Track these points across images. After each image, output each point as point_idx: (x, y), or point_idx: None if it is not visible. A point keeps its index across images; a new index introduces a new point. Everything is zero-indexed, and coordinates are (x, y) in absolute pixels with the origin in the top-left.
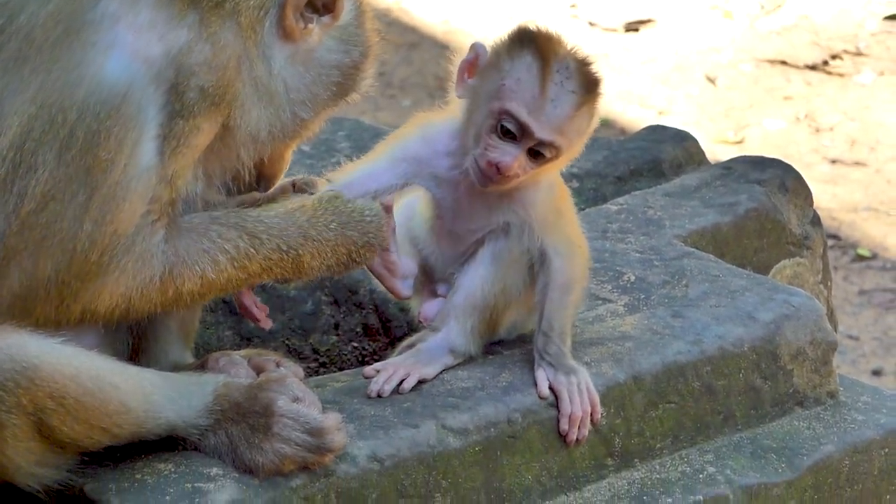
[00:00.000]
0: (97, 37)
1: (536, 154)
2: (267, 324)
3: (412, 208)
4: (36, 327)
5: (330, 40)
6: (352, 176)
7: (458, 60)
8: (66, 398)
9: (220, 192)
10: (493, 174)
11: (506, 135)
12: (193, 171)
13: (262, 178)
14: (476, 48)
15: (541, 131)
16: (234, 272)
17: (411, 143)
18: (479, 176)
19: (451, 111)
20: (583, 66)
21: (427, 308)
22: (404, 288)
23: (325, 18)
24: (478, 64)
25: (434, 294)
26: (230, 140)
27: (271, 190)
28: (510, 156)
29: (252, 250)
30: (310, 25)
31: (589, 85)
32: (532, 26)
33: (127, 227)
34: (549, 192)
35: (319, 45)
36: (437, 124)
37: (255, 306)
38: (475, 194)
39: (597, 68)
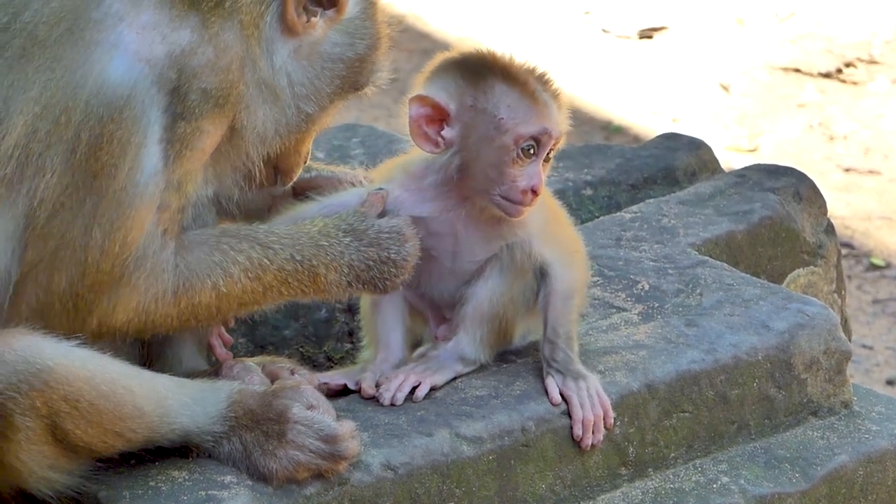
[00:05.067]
0: (101, 36)
1: (546, 158)
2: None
3: None
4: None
5: (335, 34)
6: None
7: (404, 118)
8: (81, 401)
9: (234, 193)
10: (529, 199)
11: (526, 157)
12: (204, 175)
13: (278, 172)
14: (431, 100)
15: (555, 131)
16: (248, 283)
17: (398, 192)
18: (511, 208)
19: (416, 154)
20: (530, 67)
21: (442, 330)
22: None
23: (330, 12)
24: (443, 115)
25: (443, 318)
26: (238, 141)
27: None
28: (537, 175)
29: (266, 261)
30: (313, 19)
31: (546, 77)
32: (466, 56)
33: (137, 236)
34: (541, 203)
35: (324, 39)
36: (413, 170)
37: (220, 347)
38: (472, 228)
39: (528, 60)
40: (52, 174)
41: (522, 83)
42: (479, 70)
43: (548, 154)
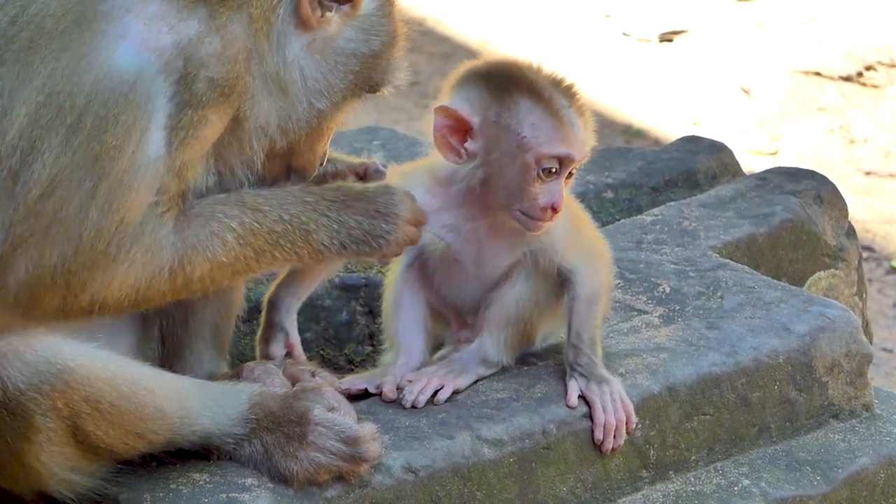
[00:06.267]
0: (108, 27)
1: (568, 174)
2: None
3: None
4: (43, 319)
5: (349, 29)
6: None
7: (429, 128)
8: (102, 402)
9: (244, 185)
10: (549, 216)
11: (548, 176)
12: (205, 165)
13: (292, 170)
14: (454, 112)
15: (579, 153)
16: (241, 250)
17: (423, 194)
18: (530, 223)
19: (437, 158)
20: (557, 79)
21: (465, 333)
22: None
23: (345, 7)
24: (466, 127)
25: (465, 323)
26: (241, 132)
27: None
28: (558, 193)
29: (255, 224)
30: (328, 14)
31: (574, 90)
32: (492, 67)
33: (134, 216)
34: (564, 210)
35: (338, 34)
36: (439, 175)
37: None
38: (494, 237)
39: (557, 71)
40: (50, 153)
41: (547, 100)
42: (504, 84)
43: (570, 172)
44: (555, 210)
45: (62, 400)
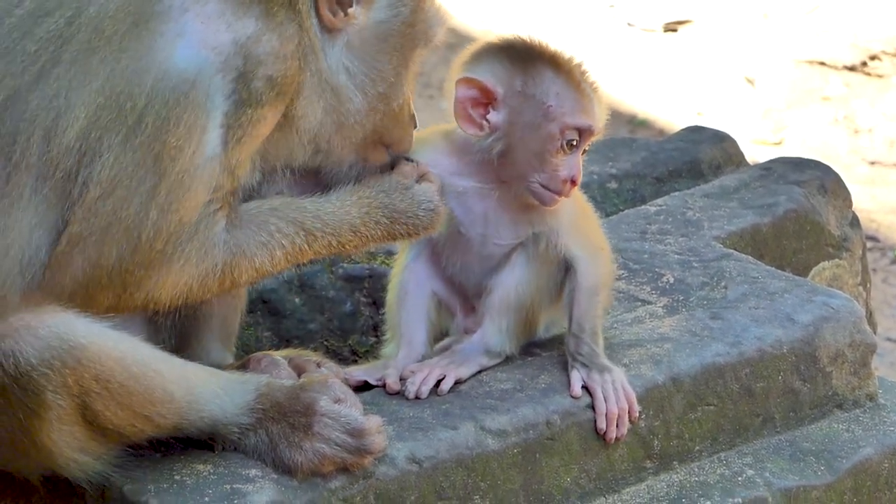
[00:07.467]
0: (165, 26)
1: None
2: None
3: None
4: (95, 314)
5: (375, 12)
6: None
7: (449, 102)
8: (112, 381)
9: (283, 182)
10: (568, 189)
11: (569, 148)
12: (252, 161)
13: (388, 147)
14: (479, 83)
15: (597, 126)
16: (285, 264)
17: (437, 159)
18: (546, 196)
19: (453, 126)
20: (568, 56)
21: (469, 321)
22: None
23: None
24: (489, 98)
25: (471, 308)
26: (289, 128)
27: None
28: (577, 166)
29: (306, 246)
30: (350, 10)
31: (584, 69)
32: (511, 41)
33: (191, 216)
34: (572, 196)
35: (367, 23)
36: (455, 140)
37: None
38: (502, 211)
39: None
40: (109, 154)
41: (568, 72)
42: (526, 56)
43: (585, 148)
44: (574, 183)
45: (73, 377)
